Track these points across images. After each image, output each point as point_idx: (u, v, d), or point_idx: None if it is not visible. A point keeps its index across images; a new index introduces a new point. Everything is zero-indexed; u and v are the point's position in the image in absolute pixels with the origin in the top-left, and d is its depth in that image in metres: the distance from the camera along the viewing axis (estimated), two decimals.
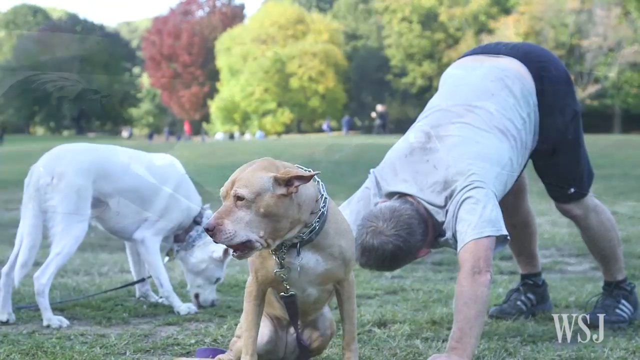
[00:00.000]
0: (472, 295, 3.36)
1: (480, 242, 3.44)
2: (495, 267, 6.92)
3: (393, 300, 5.16)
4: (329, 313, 3.34)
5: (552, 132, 4.01)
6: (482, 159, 3.66)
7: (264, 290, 3.06)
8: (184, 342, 3.87)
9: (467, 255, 3.44)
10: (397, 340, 3.90)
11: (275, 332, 3.26)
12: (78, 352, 3.49)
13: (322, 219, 2.91)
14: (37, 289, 4.44)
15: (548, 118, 3.98)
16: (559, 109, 4.02)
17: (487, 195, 3.53)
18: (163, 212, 4.86)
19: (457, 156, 3.66)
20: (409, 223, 3.60)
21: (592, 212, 4.30)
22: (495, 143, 3.76)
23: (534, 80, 3.98)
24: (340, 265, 3.01)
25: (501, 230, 3.50)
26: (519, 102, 3.91)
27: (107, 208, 4.75)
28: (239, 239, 2.74)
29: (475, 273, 3.39)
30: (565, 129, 4.06)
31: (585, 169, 4.27)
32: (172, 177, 4.93)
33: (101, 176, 4.67)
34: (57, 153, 4.67)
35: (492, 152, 3.72)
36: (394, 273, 6.47)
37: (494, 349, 3.68)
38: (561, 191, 4.25)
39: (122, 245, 8.67)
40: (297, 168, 2.89)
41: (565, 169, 4.16)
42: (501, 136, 3.79)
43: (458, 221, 3.53)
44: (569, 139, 4.09)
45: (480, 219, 3.47)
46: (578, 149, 4.18)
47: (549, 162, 4.14)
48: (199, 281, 5.03)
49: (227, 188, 2.81)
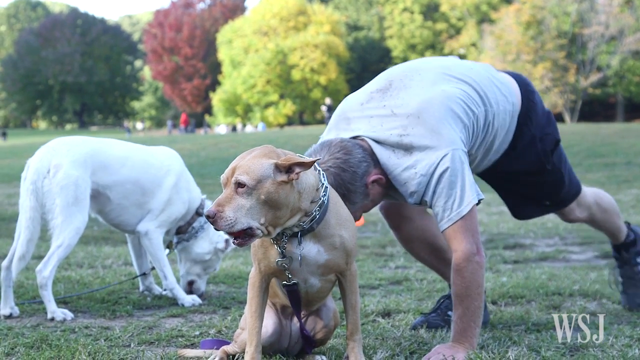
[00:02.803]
0: (472, 282, 3.34)
1: (467, 215, 3.35)
2: (499, 256, 6.92)
3: (397, 290, 5.16)
4: (332, 304, 3.34)
5: (534, 158, 3.89)
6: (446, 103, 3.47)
7: (267, 280, 3.06)
8: (188, 334, 3.87)
9: (459, 236, 3.35)
10: (401, 330, 3.90)
11: (279, 324, 3.26)
12: (82, 345, 3.49)
13: (323, 207, 2.90)
14: (39, 282, 4.44)
15: (530, 146, 3.87)
16: (539, 138, 3.93)
17: (460, 161, 3.38)
18: (166, 204, 4.87)
19: (420, 103, 3.46)
20: (342, 145, 3.40)
21: (594, 206, 4.26)
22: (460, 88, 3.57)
23: (521, 102, 3.89)
24: (342, 255, 3.00)
25: (480, 195, 3.40)
26: (501, 92, 3.73)
27: (107, 201, 4.76)
28: (240, 226, 2.72)
29: (471, 255, 3.34)
30: (546, 158, 3.94)
31: (567, 191, 4.11)
32: (173, 169, 4.94)
33: (98, 168, 4.67)
34: (52, 146, 4.67)
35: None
36: (397, 263, 6.48)
37: (498, 337, 3.68)
38: (536, 206, 4.14)
39: (125, 238, 8.71)
40: (298, 155, 2.88)
41: (547, 189, 4.04)
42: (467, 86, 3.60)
43: (437, 195, 3.37)
44: (549, 169, 3.99)
45: (462, 190, 3.34)
46: (561, 177, 4.02)
47: (530, 181, 3.99)
48: (197, 270, 5.07)
49: (227, 175, 2.79)
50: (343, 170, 3.34)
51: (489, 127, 3.66)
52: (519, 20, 52.24)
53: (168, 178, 4.90)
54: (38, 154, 4.62)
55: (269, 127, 60.67)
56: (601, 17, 51.78)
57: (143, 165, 4.86)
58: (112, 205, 4.79)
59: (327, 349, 3.46)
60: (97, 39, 79.91)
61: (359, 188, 3.40)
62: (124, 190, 4.78)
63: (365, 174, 3.40)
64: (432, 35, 64.24)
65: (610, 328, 3.87)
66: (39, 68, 76.04)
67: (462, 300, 3.34)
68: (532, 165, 3.89)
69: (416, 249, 4.12)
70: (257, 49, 64.18)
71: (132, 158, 4.85)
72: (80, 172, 4.57)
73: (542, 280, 5.43)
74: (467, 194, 3.35)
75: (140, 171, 4.83)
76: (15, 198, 15.73)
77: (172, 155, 5.04)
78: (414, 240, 4.07)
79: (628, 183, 16.40)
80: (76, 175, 4.54)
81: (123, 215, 4.85)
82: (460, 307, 3.34)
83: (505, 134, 3.77)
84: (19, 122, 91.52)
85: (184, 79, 76.20)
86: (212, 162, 20.29)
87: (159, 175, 4.88)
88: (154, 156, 4.96)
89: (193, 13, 79.22)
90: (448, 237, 3.40)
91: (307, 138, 34.13)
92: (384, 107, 3.51)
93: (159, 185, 4.86)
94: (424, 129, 3.40)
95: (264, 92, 63.36)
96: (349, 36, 70.21)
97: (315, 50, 62.08)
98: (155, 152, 5.00)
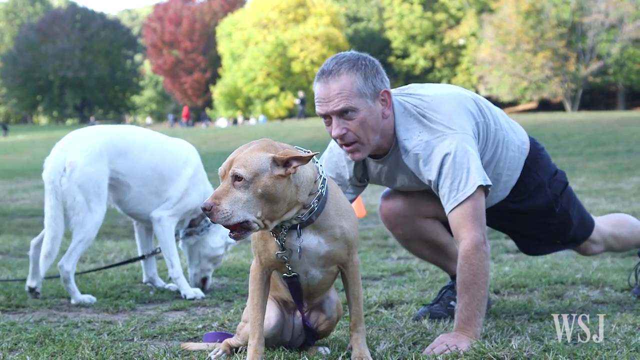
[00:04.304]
0: (479, 272, 3.34)
1: (474, 200, 3.37)
2: (501, 246, 6.93)
3: (400, 281, 5.17)
4: (335, 296, 3.34)
5: (542, 200, 3.93)
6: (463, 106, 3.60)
7: (268, 273, 3.05)
8: (191, 327, 3.87)
9: (467, 224, 3.37)
10: (404, 321, 3.90)
11: (282, 316, 3.26)
12: (86, 339, 3.49)
13: (321, 200, 2.90)
14: (63, 276, 4.62)
15: (538, 189, 3.91)
16: (548, 183, 3.95)
17: (469, 144, 3.44)
18: (183, 194, 4.89)
19: (436, 94, 3.60)
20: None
21: (610, 239, 4.26)
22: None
23: (529, 147, 3.93)
24: (343, 246, 2.99)
25: (487, 180, 3.41)
26: (510, 127, 3.83)
27: (127, 189, 4.80)
28: (236, 219, 2.73)
29: (480, 244, 3.36)
30: (555, 201, 3.96)
31: (577, 231, 4.12)
32: (191, 160, 4.97)
33: (116, 155, 4.71)
34: (66, 142, 4.70)
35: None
36: (400, 254, 6.49)
37: (501, 327, 3.68)
38: (548, 245, 4.18)
39: (128, 232, 8.72)
40: (295, 149, 2.88)
41: (554, 230, 4.06)
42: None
43: (443, 177, 3.41)
44: (557, 212, 3.99)
45: (468, 172, 3.37)
46: (568, 219, 4.04)
47: (538, 221, 4.02)
48: (209, 265, 5.09)
49: (224, 168, 2.79)
50: (359, 59, 3.46)
51: (498, 145, 3.72)
52: (519, 9, 52.11)
53: (187, 169, 4.94)
54: (53, 152, 4.68)
55: (270, 119, 60.62)
56: (601, 5, 51.63)
57: (162, 152, 4.91)
58: (132, 194, 4.82)
59: (330, 341, 3.47)
60: (97, 34, 79.77)
61: (369, 80, 3.43)
62: (144, 177, 4.82)
63: (381, 91, 3.47)
64: (432, 26, 64.04)
65: (614, 316, 3.87)
66: (39, 63, 75.93)
67: (468, 288, 3.34)
68: (541, 206, 3.95)
69: (417, 248, 4.14)
70: (256, 42, 64.03)
71: (152, 144, 4.90)
72: (97, 166, 4.62)
73: (545, 269, 5.43)
74: (472, 175, 3.37)
75: (160, 158, 4.87)
76: (18, 193, 15.74)
77: (189, 147, 5.10)
78: (415, 240, 4.08)
79: (629, 171, 16.39)
80: (92, 170, 4.60)
81: (142, 203, 4.88)
82: (466, 295, 3.33)
83: (514, 170, 3.84)
84: (19, 117, 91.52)
85: (184, 72, 76.10)
86: (213, 156, 20.31)
87: (178, 164, 4.92)
88: (173, 145, 5.02)
89: (192, 6, 79.06)
90: (455, 223, 3.41)
91: (308, 131, 34.14)
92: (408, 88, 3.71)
93: (177, 174, 4.90)
94: (438, 114, 3.50)
95: (264, 85, 63.25)
96: (348, 28, 70.06)
97: (315, 42, 61.95)
98: (174, 142, 5.06)
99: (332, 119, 3.43)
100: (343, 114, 3.40)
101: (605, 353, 3.07)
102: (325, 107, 3.41)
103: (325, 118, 3.46)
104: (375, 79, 3.42)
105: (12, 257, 6.84)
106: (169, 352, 3.30)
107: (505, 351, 3.11)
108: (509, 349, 3.15)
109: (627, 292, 4.56)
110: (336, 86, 3.37)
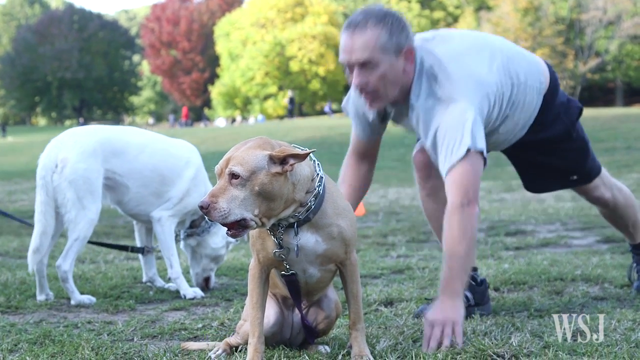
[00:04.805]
0: (460, 231, 3.37)
1: (465, 164, 3.40)
2: (500, 243, 6.93)
3: (399, 279, 5.17)
4: (334, 294, 3.33)
5: (560, 127, 3.94)
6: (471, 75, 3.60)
7: (267, 271, 3.05)
8: (191, 327, 3.87)
9: (453, 188, 3.42)
10: (404, 319, 3.90)
11: (281, 314, 3.25)
12: (86, 340, 3.49)
13: (319, 198, 2.90)
14: (60, 276, 4.60)
15: (556, 119, 3.93)
16: (564, 111, 3.96)
17: (468, 112, 3.46)
18: (184, 194, 4.89)
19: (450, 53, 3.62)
20: None
21: (616, 190, 4.27)
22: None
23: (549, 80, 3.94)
24: (340, 245, 2.99)
25: (477, 146, 3.42)
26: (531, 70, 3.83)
27: (126, 190, 4.79)
28: (233, 217, 2.72)
29: (464, 205, 3.39)
30: (572, 126, 3.99)
31: (592, 162, 4.15)
32: (193, 161, 4.97)
33: (112, 154, 4.70)
34: (61, 139, 4.70)
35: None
36: (399, 252, 6.49)
37: (501, 323, 3.68)
38: (562, 179, 4.17)
39: (127, 232, 8.72)
40: (293, 147, 2.88)
41: (572, 157, 4.08)
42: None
43: (439, 146, 3.48)
44: (574, 137, 4.01)
45: (462, 137, 3.40)
46: (585, 145, 4.08)
47: (556, 149, 4.02)
48: (211, 265, 5.10)
49: (221, 166, 2.78)
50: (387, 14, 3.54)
51: (515, 102, 3.74)
52: (517, 6, 52.15)
53: (188, 170, 4.93)
54: (47, 149, 4.67)
55: (269, 119, 60.63)
56: (599, 2, 51.68)
57: (163, 154, 4.89)
58: (131, 195, 4.81)
59: (330, 339, 3.47)
60: (95, 35, 79.73)
61: (393, 39, 3.49)
62: (143, 178, 4.80)
63: (403, 49, 3.52)
64: (430, 24, 64.01)
65: (613, 312, 3.87)
66: (37, 65, 75.88)
67: (448, 248, 3.38)
68: (559, 134, 3.97)
69: (434, 204, 4.09)
70: (254, 42, 64.03)
71: (151, 146, 4.88)
72: (89, 163, 4.60)
73: (544, 266, 5.43)
74: (465, 139, 3.41)
75: (160, 159, 4.86)
76: (16, 195, 15.74)
77: (191, 148, 5.09)
78: (437, 194, 4.04)
79: (628, 167, 16.41)
80: (84, 167, 4.58)
81: (142, 204, 4.87)
82: (447, 257, 3.38)
83: (533, 110, 3.86)
84: (18, 119, 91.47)
85: (183, 72, 76.08)
86: (212, 156, 20.27)
87: (179, 165, 4.91)
88: (174, 146, 5.00)
89: (190, 6, 79.04)
90: (447, 187, 3.47)
91: (307, 130, 34.16)
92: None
93: (179, 175, 4.89)
94: (448, 80, 3.54)
95: (262, 84, 63.26)
96: None
97: (313, 41, 61.96)
98: (175, 143, 5.04)
99: (354, 69, 3.52)
100: (364, 66, 3.48)
101: (605, 349, 3.07)
102: (348, 57, 3.50)
103: (348, 67, 3.54)
104: (401, 36, 3.50)
105: (11, 259, 6.83)
106: (169, 352, 3.30)
107: (505, 348, 3.11)
108: (509, 346, 3.15)
109: (627, 288, 4.56)
110: (361, 39, 3.45)
